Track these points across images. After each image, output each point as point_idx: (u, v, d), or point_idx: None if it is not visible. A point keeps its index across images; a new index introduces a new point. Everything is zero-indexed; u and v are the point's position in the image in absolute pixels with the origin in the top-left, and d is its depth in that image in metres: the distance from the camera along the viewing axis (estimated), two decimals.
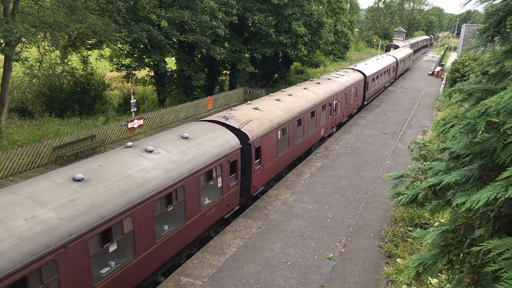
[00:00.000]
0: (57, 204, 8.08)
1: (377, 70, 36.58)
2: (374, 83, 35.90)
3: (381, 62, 40.70)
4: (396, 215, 14.49)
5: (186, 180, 11.20)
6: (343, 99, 26.66)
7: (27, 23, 20.36)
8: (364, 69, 33.72)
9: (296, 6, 35.23)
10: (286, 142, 18.04)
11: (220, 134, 13.74)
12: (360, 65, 35.55)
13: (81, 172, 9.30)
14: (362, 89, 32.02)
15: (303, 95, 21.05)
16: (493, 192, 3.53)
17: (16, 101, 28.55)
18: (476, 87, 5.05)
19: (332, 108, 24.54)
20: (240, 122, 15.05)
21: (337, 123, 26.63)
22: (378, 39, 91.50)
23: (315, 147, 22.73)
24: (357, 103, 31.24)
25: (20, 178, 17.60)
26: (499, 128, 4.32)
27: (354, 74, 30.73)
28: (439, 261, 4.31)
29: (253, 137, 14.80)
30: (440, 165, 4.99)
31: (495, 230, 3.95)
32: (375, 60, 40.75)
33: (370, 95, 35.19)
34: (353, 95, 29.29)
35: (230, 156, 13.41)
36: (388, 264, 11.86)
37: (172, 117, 27.70)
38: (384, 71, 40.24)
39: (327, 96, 23.28)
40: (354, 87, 29.06)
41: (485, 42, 5.23)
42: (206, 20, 28.11)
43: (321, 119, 22.63)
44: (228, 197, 13.76)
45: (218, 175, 12.81)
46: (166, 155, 11.32)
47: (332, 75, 27.94)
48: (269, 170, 16.61)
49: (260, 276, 11.07)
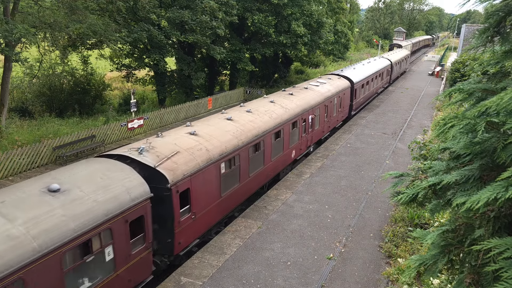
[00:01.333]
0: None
1: (367, 75, 33.11)
2: (364, 90, 32.36)
3: (373, 66, 37.05)
4: (396, 215, 14.49)
5: (29, 268, 7.24)
6: (323, 112, 22.95)
7: (27, 23, 20.36)
8: (352, 74, 30.16)
9: (296, 6, 35.23)
10: (235, 176, 14.07)
11: (118, 180, 9.63)
12: (347, 70, 31.81)
13: None
14: (348, 98, 28.38)
15: (266, 111, 17.18)
16: (493, 192, 3.53)
17: (16, 101, 28.56)
18: (476, 87, 5.05)
19: (308, 124, 20.67)
20: (159, 157, 11.03)
21: (316, 140, 22.78)
22: (378, 39, 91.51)
23: (285, 172, 19.05)
24: (343, 114, 27.70)
25: (20, 178, 17.60)
26: (499, 128, 4.32)
27: (338, 82, 26.97)
28: (440, 261, 4.31)
29: (175, 178, 10.82)
30: (440, 164, 4.99)
31: (495, 230, 3.95)
32: (366, 64, 37.31)
33: (358, 104, 31.56)
34: (337, 106, 25.74)
35: (131, 212, 9.47)
36: (389, 264, 11.86)
37: (172, 117, 27.71)
38: (376, 76, 36.82)
39: (300, 110, 19.43)
40: (337, 96, 25.41)
41: (485, 42, 5.23)
42: (206, 20, 28.11)
43: (292, 139, 18.77)
44: (130, 270, 9.73)
45: (105, 245, 8.90)
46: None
47: (311, 84, 24.10)
48: (206, 217, 12.52)
49: (260, 276, 11.07)
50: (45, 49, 26.50)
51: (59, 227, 7.89)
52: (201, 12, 28.43)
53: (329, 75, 29.11)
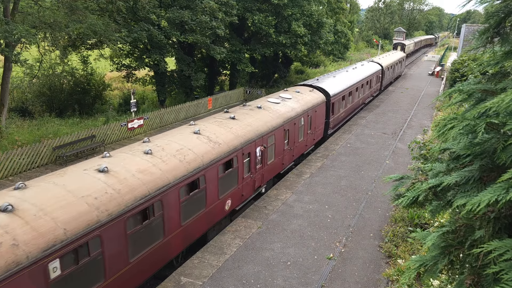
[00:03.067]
0: None
1: (350, 85, 28.03)
2: (345, 103, 27.34)
3: (359, 73, 32.08)
4: (396, 215, 14.49)
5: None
6: (281, 138, 17.48)
7: (27, 24, 20.37)
8: (329, 85, 24.99)
9: (296, 6, 35.25)
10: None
11: None
12: (324, 80, 26.77)
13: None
14: (323, 114, 23.21)
15: (179, 151, 11.59)
16: (493, 194, 3.53)
17: (16, 101, 28.57)
18: (476, 87, 5.05)
19: (254, 159, 15.14)
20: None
21: (271, 177, 17.41)
22: (378, 39, 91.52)
23: (218, 229, 13.93)
24: (315, 136, 22.35)
25: (20, 178, 17.60)
26: (499, 129, 4.32)
27: (309, 96, 21.72)
28: (440, 262, 4.31)
29: None
30: (441, 166, 4.99)
31: (495, 231, 3.96)
32: (351, 70, 32.19)
33: (338, 120, 26.24)
34: (305, 127, 20.40)
35: None
36: (389, 264, 11.87)
37: (172, 117, 27.71)
38: (363, 84, 31.76)
39: (239, 143, 13.93)
40: (306, 115, 20.15)
41: (485, 43, 5.23)
42: (206, 20, 28.12)
43: (224, 185, 13.32)
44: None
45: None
46: None
47: (270, 100, 18.93)
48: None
49: (260, 276, 11.07)
50: (45, 49, 26.51)
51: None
52: (201, 12, 28.44)
53: (299, 87, 23.69)
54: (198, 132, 13.09)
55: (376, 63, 39.28)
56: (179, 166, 11.06)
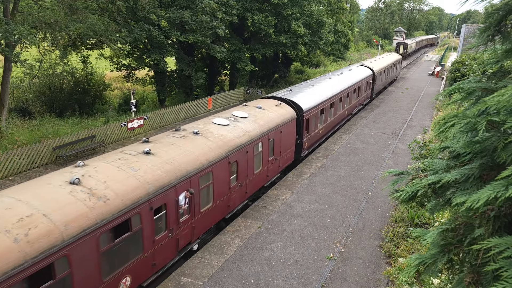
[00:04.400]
0: None
1: (331, 95, 23.99)
2: (325, 117, 23.29)
3: (344, 80, 27.90)
4: (396, 215, 14.48)
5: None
6: (224, 174, 13.16)
7: (27, 24, 20.36)
8: (302, 97, 20.70)
9: (296, 6, 35.24)
10: None
11: None
12: (298, 91, 21.99)
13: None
14: (294, 133, 18.97)
15: (20, 223, 7.45)
16: (493, 191, 3.52)
17: (16, 101, 28.57)
18: (476, 86, 5.04)
19: (173, 211, 10.89)
20: None
21: (205, 229, 12.82)
22: (378, 39, 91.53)
23: None
24: (281, 162, 18.02)
25: (20, 178, 17.60)
26: (499, 127, 4.31)
27: (273, 112, 17.40)
28: (439, 260, 4.30)
29: None
30: (440, 163, 4.98)
31: (495, 230, 3.94)
32: (335, 77, 28.07)
33: (315, 138, 22.16)
34: (266, 152, 16.20)
35: None
36: (389, 264, 11.86)
37: (172, 117, 27.71)
38: (349, 93, 27.96)
39: (144, 194, 9.80)
40: (267, 137, 16.02)
41: (486, 41, 5.22)
42: (206, 20, 28.12)
43: (113, 262, 9.23)
44: None
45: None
46: None
47: (216, 121, 14.65)
48: None
49: (260, 276, 11.06)
50: (45, 49, 26.52)
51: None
52: (201, 12, 28.44)
53: (264, 100, 19.28)
54: (77, 182, 8.89)
55: (367, 67, 35.44)
56: (11, 251, 7.00)
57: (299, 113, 19.36)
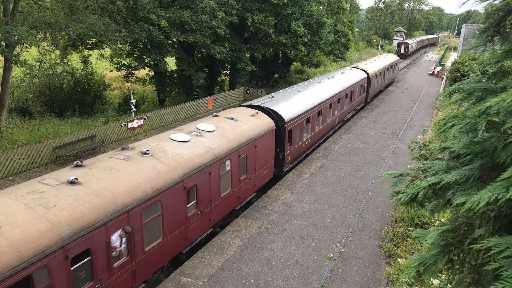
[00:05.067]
0: None
1: (318, 102, 21.80)
2: (311, 126, 21.14)
3: (334, 84, 25.91)
4: (396, 215, 14.49)
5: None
6: (178, 202, 11.01)
7: (27, 23, 20.36)
8: (285, 106, 18.69)
9: (296, 6, 35.25)
10: None
11: None
12: (281, 99, 19.78)
13: None
14: (272, 146, 16.92)
15: None
16: (493, 192, 3.53)
17: (16, 101, 28.56)
18: (476, 86, 5.05)
19: (103, 257, 8.75)
20: None
21: (153, 270, 10.66)
22: (378, 39, 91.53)
23: None
24: (257, 180, 15.83)
25: (20, 178, 17.60)
26: (499, 128, 4.32)
27: (247, 124, 15.26)
28: (439, 260, 4.31)
29: None
30: (440, 164, 4.99)
31: (495, 230, 3.95)
32: (325, 81, 26.03)
33: (300, 150, 19.99)
34: (236, 171, 14.09)
35: None
36: (389, 264, 11.86)
37: (172, 117, 27.72)
38: (340, 98, 25.97)
39: (53, 241, 7.57)
40: (237, 154, 13.88)
41: (485, 42, 5.22)
42: (206, 20, 28.12)
43: None
44: None
45: None
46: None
47: (174, 137, 12.45)
48: None
49: (260, 276, 11.06)
50: (45, 49, 26.51)
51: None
52: (201, 12, 28.44)
53: (240, 109, 17.15)
54: None
55: (361, 70, 33.46)
56: None
57: (280, 123, 17.41)
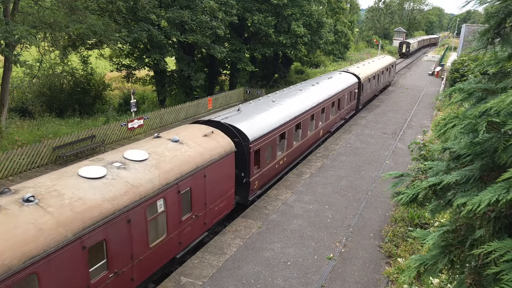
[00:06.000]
0: None
1: (297, 114, 18.94)
2: (286, 143, 18.12)
3: (319, 92, 22.87)
4: (396, 215, 14.50)
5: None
6: (72, 274, 7.86)
7: (27, 24, 20.35)
8: (249, 122, 15.58)
9: (296, 6, 35.25)
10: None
11: None
12: (248, 113, 16.60)
13: None
14: (231, 173, 13.94)
15: None
16: (494, 194, 3.53)
17: (16, 101, 28.56)
18: (476, 87, 5.06)
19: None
20: None
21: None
22: (378, 39, 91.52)
23: None
24: (208, 217, 12.86)
25: (20, 178, 17.60)
26: (499, 129, 4.32)
27: (194, 148, 12.26)
28: (440, 261, 4.31)
29: None
30: (441, 165, 4.99)
31: (495, 231, 3.96)
32: (308, 88, 22.95)
33: (271, 173, 16.87)
34: (175, 212, 11.23)
35: None
36: (389, 264, 11.87)
37: (172, 117, 27.72)
38: (324, 108, 22.84)
39: None
40: (176, 189, 10.93)
41: (486, 44, 5.23)
42: (206, 20, 28.12)
43: None
44: None
45: None
46: None
47: (84, 173, 9.22)
48: None
49: (260, 276, 11.07)
50: (45, 49, 26.51)
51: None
52: (201, 12, 28.44)
53: (193, 126, 14.10)
54: None
55: (352, 74, 30.48)
56: None
57: (243, 143, 14.40)
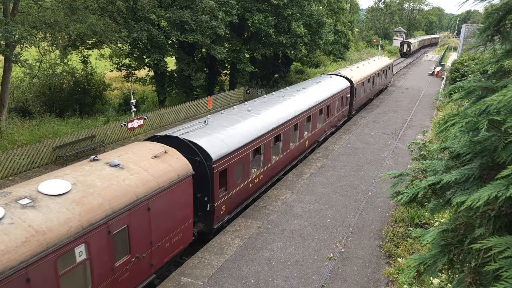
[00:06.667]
0: None
1: (272, 128, 16.19)
2: (263, 158, 15.94)
3: (304, 98, 20.59)
4: (396, 215, 14.48)
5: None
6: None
7: (27, 24, 20.35)
8: (216, 137, 13.33)
9: (296, 7, 35.24)
10: None
11: None
12: (217, 125, 14.35)
13: None
14: (187, 202, 11.44)
15: None
16: (493, 190, 3.52)
17: (16, 101, 28.57)
18: (476, 85, 5.04)
19: None
20: None
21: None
22: (378, 39, 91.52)
23: None
24: (155, 260, 10.37)
25: (20, 178, 17.59)
26: (499, 127, 4.31)
27: (137, 175, 9.74)
28: (439, 260, 4.30)
29: None
30: (440, 164, 4.98)
31: (495, 229, 3.94)
32: (295, 93, 21.02)
33: (243, 195, 14.81)
34: (106, 258, 8.72)
35: None
36: (389, 264, 11.85)
37: (172, 117, 27.71)
38: (310, 116, 20.71)
39: None
40: (104, 232, 8.52)
41: (485, 41, 5.21)
42: (206, 20, 28.12)
43: None
44: None
45: None
46: None
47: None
48: None
49: (260, 276, 11.05)
50: (45, 49, 26.49)
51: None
52: (201, 12, 28.44)
53: (142, 146, 11.53)
54: None
55: (344, 77, 28.32)
56: None
57: (205, 163, 12.09)
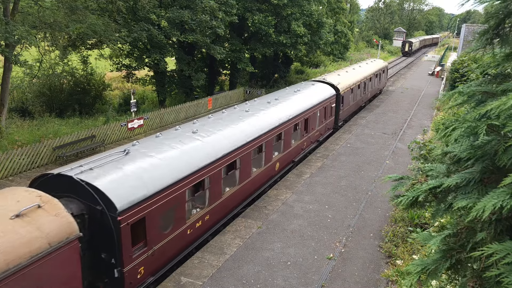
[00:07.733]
0: None
1: (220, 154, 12.60)
2: (206, 197, 12.42)
3: (272, 113, 17.02)
4: (396, 215, 14.51)
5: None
6: None
7: (27, 23, 20.34)
8: (125, 175, 9.57)
9: (296, 6, 35.24)
10: None
11: None
12: (142, 154, 10.76)
13: None
14: (69, 281, 7.64)
15: None
16: (498, 200, 3.51)
17: (16, 101, 28.54)
18: (476, 89, 5.06)
19: None
20: None
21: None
22: (378, 39, 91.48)
23: None
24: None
25: (20, 178, 17.61)
26: (499, 131, 4.32)
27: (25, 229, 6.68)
28: (441, 266, 4.31)
29: None
30: (441, 168, 4.99)
31: (497, 233, 3.96)
32: (265, 106, 17.62)
33: (176, 248, 11.05)
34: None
35: None
36: (388, 264, 11.88)
37: (172, 117, 27.72)
38: (280, 134, 17.18)
39: None
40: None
41: (485, 44, 5.22)
42: (206, 20, 28.12)
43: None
44: None
45: None
46: None
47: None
48: None
49: (260, 276, 11.08)
50: (45, 49, 26.48)
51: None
52: (201, 12, 28.43)
53: (17, 195, 7.81)
54: None
55: (328, 84, 24.72)
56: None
57: (107, 213, 8.72)
